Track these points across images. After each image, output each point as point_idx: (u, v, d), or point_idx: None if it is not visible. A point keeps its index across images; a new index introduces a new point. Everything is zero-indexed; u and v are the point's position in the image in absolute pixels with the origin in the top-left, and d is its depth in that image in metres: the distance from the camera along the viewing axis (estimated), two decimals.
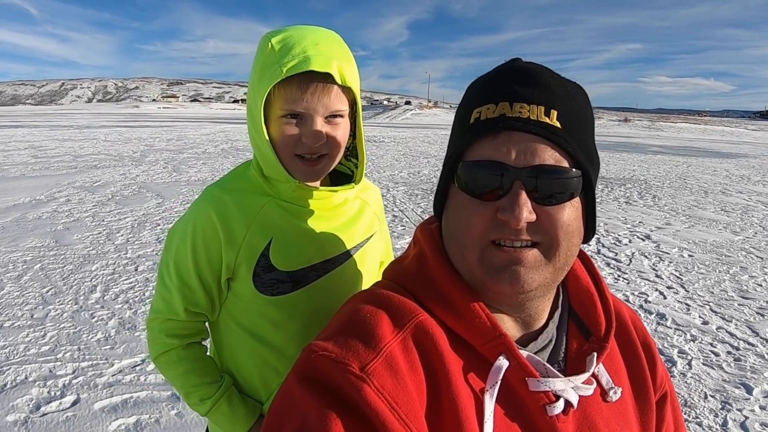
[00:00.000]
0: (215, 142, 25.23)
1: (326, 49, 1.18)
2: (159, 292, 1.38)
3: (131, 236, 7.62)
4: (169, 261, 1.35)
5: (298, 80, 1.16)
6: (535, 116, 0.80)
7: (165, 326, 1.37)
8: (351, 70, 1.21)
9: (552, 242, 0.81)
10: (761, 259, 7.33)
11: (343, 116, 1.25)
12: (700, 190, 13.86)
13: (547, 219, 0.80)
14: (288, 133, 1.21)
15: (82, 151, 19.39)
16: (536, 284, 0.82)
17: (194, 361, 1.39)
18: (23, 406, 3.42)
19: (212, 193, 1.32)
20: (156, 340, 1.39)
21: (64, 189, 11.34)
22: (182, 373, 1.38)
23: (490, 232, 0.81)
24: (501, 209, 0.79)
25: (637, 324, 1.05)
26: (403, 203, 10.52)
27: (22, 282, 5.60)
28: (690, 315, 5.24)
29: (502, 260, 0.81)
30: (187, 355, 1.38)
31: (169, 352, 1.37)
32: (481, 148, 0.82)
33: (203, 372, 1.39)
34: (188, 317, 1.35)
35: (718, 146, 37.84)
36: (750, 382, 3.99)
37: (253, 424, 1.39)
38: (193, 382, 1.37)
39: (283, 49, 1.16)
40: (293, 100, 1.17)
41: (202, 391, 1.37)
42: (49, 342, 4.29)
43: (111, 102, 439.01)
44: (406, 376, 0.77)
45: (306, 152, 1.23)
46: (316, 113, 1.19)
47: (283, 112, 1.19)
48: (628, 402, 0.94)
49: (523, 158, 0.79)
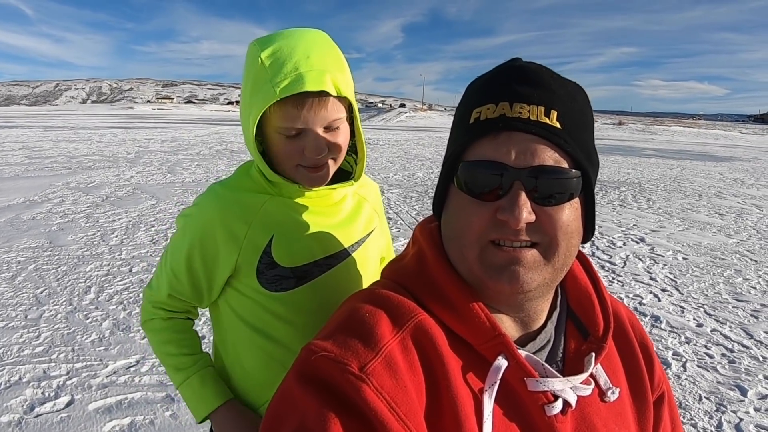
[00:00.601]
0: (210, 143, 25.16)
1: (318, 62, 1.17)
2: (157, 269, 1.44)
3: (125, 237, 7.59)
4: (169, 245, 1.40)
5: (293, 99, 1.15)
6: (535, 116, 0.80)
7: (152, 299, 1.43)
8: (344, 78, 1.21)
9: (551, 243, 0.82)
10: (755, 262, 7.36)
11: (341, 123, 1.25)
12: (694, 193, 13.91)
13: (547, 219, 0.80)
14: (289, 148, 1.22)
15: (77, 152, 19.30)
16: (535, 284, 0.82)
17: (175, 332, 1.43)
18: (17, 407, 3.40)
19: (216, 192, 1.33)
20: (145, 308, 1.45)
21: (58, 190, 11.29)
22: (163, 341, 1.42)
23: (490, 232, 0.81)
24: (501, 209, 0.79)
25: (635, 324, 1.05)
26: (398, 205, 10.51)
27: (16, 283, 5.57)
28: (684, 317, 5.26)
29: (501, 260, 0.81)
30: (169, 325, 1.43)
31: (154, 320, 1.43)
32: (480, 148, 0.82)
33: (182, 344, 1.43)
34: (170, 301, 1.40)
35: (712, 150, 38.02)
36: (744, 384, 4.01)
37: (217, 407, 1.37)
38: (170, 351, 1.42)
39: (274, 66, 1.15)
40: (290, 118, 1.17)
41: (177, 360, 1.41)
42: (43, 343, 4.27)
43: (105, 103, 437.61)
44: (405, 375, 0.77)
45: (310, 164, 1.24)
46: (314, 126, 1.19)
47: (281, 129, 1.20)
48: (626, 402, 0.94)
49: (522, 158, 0.79)
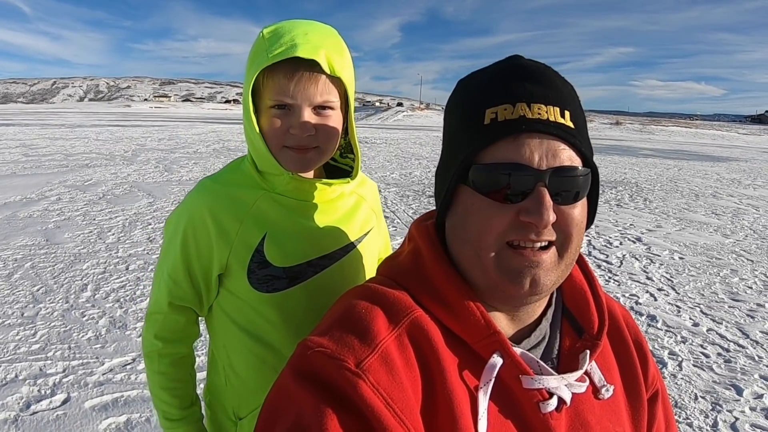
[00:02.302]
0: (207, 142, 25.13)
1: (315, 39, 1.17)
2: (152, 285, 1.39)
3: (122, 235, 7.58)
4: (162, 253, 1.35)
5: (285, 68, 1.15)
6: (553, 117, 0.80)
7: (153, 326, 1.36)
8: (341, 60, 1.19)
9: (566, 240, 0.83)
10: (751, 262, 7.38)
11: (333, 108, 1.22)
12: (691, 193, 13.94)
13: (564, 218, 0.81)
14: (276, 124, 1.19)
15: (74, 149, 19.26)
16: (551, 284, 0.83)
17: (172, 380, 1.39)
18: (13, 405, 3.40)
19: (205, 186, 1.30)
20: (145, 337, 1.39)
21: (55, 187, 11.27)
22: (159, 385, 1.39)
23: (509, 233, 0.81)
24: (525, 211, 0.79)
25: (629, 322, 1.05)
26: (395, 204, 10.52)
27: (12, 280, 5.56)
28: (681, 317, 5.28)
29: (519, 264, 0.81)
30: (168, 371, 1.38)
31: (152, 357, 1.38)
32: (499, 151, 0.81)
33: (176, 394, 1.40)
34: (172, 311, 1.34)
35: (709, 150, 38.07)
36: (740, 383, 4.02)
37: None
38: (163, 398, 1.39)
39: (272, 38, 1.16)
40: (280, 89, 1.16)
41: (168, 409, 1.39)
42: (40, 340, 4.27)
43: (103, 101, 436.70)
44: (401, 372, 0.77)
45: (295, 144, 1.21)
46: (303, 103, 1.17)
47: (272, 103, 1.18)
48: (620, 399, 0.95)
49: (545, 160, 0.79)
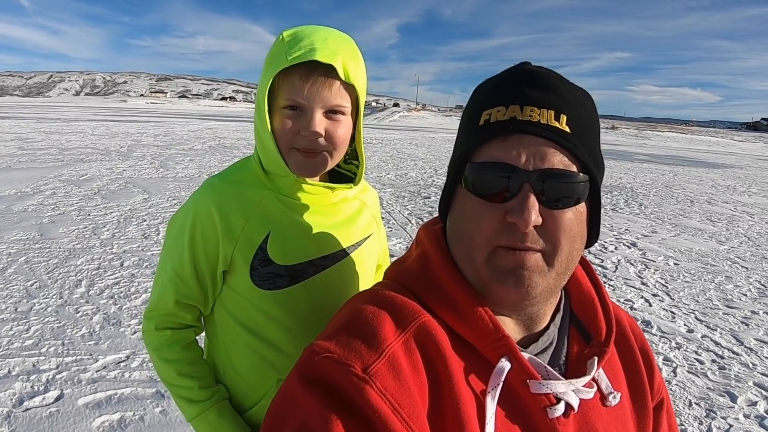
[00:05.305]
0: (203, 138, 25.10)
1: (334, 45, 1.19)
2: (153, 285, 1.37)
3: (117, 231, 7.55)
4: (165, 251, 1.35)
5: (301, 70, 1.17)
6: (545, 120, 0.80)
7: (156, 320, 1.35)
8: (356, 68, 1.21)
9: (555, 246, 0.82)
10: (746, 269, 7.41)
11: (344, 113, 1.24)
12: (686, 199, 14.00)
13: (552, 223, 0.81)
14: (287, 125, 1.21)
15: (69, 144, 19.20)
16: (540, 289, 0.82)
17: (189, 363, 1.36)
18: (6, 401, 3.38)
19: (212, 184, 1.32)
20: (148, 334, 1.38)
21: (50, 182, 11.22)
22: (177, 373, 1.35)
23: (499, 236, 0.81)
24: (510, 211, 0.79)
25: (636, 331, 1.05)
26: (390, 205, 10.51)
27: (6, 275, 5.53)
28: (675, 323, 5.29)
29: (508, 263, 0.81)
30: (182, 356, 1.36)
31: (162, 347, 1.35)
32: (490, 150, 0.82)
33: (197, 375, 1.36)
34: (178, 309, 1.34)
35: (705, 156, 38.26)
36: (734, 390, 4.03)
37: None
38: (185, 384, 1.35)
39: (292, 41, 1.18)
40: (294, 90, 1.18)
41: (192, 393, 1.34)
42: (33, 336, 4.24)
43: (99, 96, 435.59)
44: (408, 377, 0.77)
45: (304, 147, 1.22)
46: (316, 105, 1.19)
47: (285, 103, 1.20)
48: (627, 407, 0.94)
49: (532, 161, 0.79)
